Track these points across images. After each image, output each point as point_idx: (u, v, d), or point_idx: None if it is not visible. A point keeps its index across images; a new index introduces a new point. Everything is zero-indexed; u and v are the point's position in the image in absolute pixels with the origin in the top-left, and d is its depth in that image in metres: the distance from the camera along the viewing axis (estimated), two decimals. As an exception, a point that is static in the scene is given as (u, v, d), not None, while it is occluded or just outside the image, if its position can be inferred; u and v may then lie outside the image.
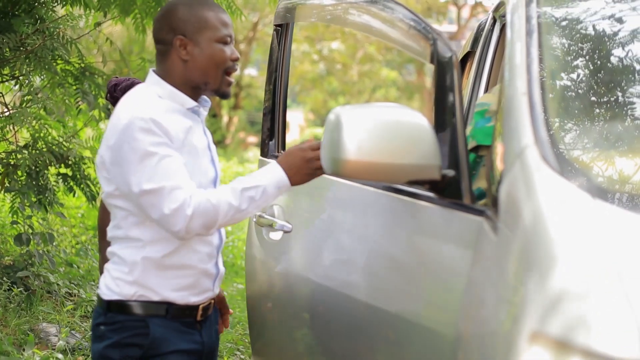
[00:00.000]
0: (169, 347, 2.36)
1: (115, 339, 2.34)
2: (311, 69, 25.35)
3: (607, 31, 2.45)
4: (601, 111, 2.24)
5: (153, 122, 2.22)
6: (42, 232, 5.19)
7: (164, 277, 2.34)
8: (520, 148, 1.84)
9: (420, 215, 2.20)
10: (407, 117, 2.00)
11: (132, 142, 2.21)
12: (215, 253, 2.43)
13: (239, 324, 5.43)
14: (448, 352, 1.94)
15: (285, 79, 3.03)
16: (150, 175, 2.20)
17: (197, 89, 2.37)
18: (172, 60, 2.35)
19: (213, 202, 2.21)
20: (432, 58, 2.12)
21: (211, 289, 2.44)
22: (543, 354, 1.38)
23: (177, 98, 2.34)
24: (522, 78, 2.04)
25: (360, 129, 1.96)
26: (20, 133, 5.42)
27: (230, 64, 2.36)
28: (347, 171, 1.99)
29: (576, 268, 1.46)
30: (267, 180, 2.28)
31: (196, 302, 2.41)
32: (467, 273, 1.92)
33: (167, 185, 2.19)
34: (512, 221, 1.74)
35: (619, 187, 1.94)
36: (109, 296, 2.35)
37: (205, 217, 2.21)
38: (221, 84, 2.37)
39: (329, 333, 2.54)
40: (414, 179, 2.01)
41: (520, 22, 2.27)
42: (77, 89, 5.05)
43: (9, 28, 4.61)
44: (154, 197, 2.21)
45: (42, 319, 4.65)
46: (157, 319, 2.34)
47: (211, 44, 2.33)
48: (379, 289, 2.29)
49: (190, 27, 2.32)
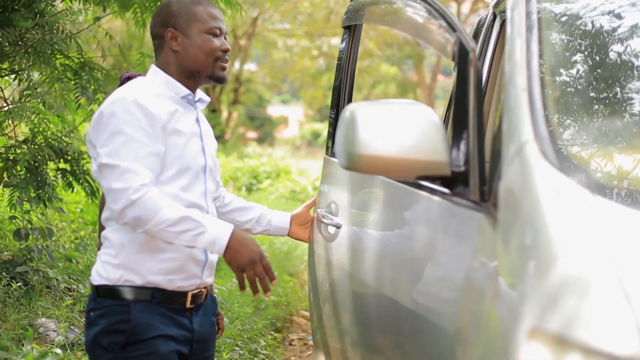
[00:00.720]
0: (153, 332, 2.40)
1: (103, 324, 2.40)
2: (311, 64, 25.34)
3: (606, 27, 2.45)
4: (601, 107, 2.24)
5: (135, 103, 2.34)
6: (41, 227, 5.19)
7: (149, 260, 2.41)
8: (520, 144, 1.84)
9: (433, 211, 2.25)
10: (419, 114, 2.03)
11: (109, 117, 2.34)
12: None
13: (238, 320, 5.43)
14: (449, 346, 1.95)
15: (351, 79, 3.18)
16: (113, 151, 2.31)
17: (192, 77, 2.52)
18: (166, 52, 2.52)
19: (157, 205, 2.27)
20: (454, 54, 2.15)
21: (199, 276, 2.49)
22: (541, 349, 1.38)
23: (171, 86, 2.49)
24: (522, 74, 2.05)
25: (374, 125, 2.01)
26: (20, 128, 5.41)
27: (220, 54, 2.51)
28: (361, 166, 2.04)
29: (575, 264, 1.46)
30: (212, 231, 2.32)
31: (184, 288, 2.46)
32: (467, 268, 1.93)
33: (123, 165, 2.29)
34: (511, 217, 1.74)
35: (618, 183, 1.94)
36: (98, 281, 2.43)
37: (143, 212, 2.27)
38: (214, 69, 2.51)
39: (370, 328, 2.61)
40: (424, 174, 2.03)
41: (520, 18, 2.27)
42: (76, 84, 5.04)
43: (9, 22, 4.61)
44: (108, 171, 2.31)
45: (41, 314, 4.65)
46: (141, 304, 2.39)
47: (200, 35, 2.49)
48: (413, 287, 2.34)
49: (180, 20, 2.49)
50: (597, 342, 1.32)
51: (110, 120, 2.33)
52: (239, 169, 16.44)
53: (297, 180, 15.52)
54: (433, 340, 2.09)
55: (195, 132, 2.50)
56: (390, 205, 2.59)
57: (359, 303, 2.69)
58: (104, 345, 2.39)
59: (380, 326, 2.52)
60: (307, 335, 5.97)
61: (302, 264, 8.25)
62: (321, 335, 3.16)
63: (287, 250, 8.36)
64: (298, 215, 2.96)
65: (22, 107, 4.65)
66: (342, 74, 3.21)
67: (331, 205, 2.99)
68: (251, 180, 16.22)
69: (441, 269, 2.13)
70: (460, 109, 2.08)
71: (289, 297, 6.61)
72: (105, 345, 2.39)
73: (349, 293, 2.79)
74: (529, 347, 1.41)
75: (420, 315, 2.18)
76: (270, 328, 5.84)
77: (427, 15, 2.43)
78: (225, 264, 7.67)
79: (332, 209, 2.98)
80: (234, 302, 5.86)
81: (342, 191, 2.97)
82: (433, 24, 2.36)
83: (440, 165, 2.01)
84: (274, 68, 26.07)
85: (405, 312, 2.28)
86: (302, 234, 2.98)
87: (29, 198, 4.98)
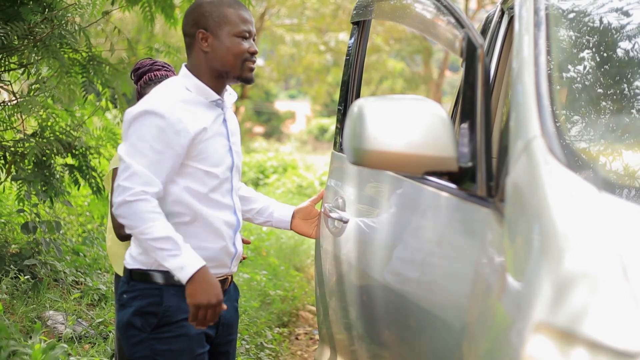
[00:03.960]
0: (183, 315, 2.50)
1: (136, 306, 2.52)
2: (318, 59, 25.31)
3: (614, 24, 2.45)
4: (608, 104, 2.24)
5: (165, 117, 2.43)
6: (49, 221, 5.20)
7: None
8: (528, 140, 1.85)
9: (440, 206, 2.26)
10: (427, 110, 2.04)
11: (140, 127, 2.44)
12: (233, 234, 2.62)
13: (245, 313, 5.45)
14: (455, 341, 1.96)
15: (359, 75, 3.18)
16: (133, 152, 2.43)
17: (220, 77, 2.57)
18: (196, 51, 2.57)
19: (148, 217, 2.39)
20: (461, 50, 2.15)
21: (228, 266, 2.63)
22: (548, 344, 1.39)
23: (201, 91, 2.55)
24: (529, 70, 2.05)
25: (382, 121, 2.02)
26: (28, 122, 5.42)
27: (247, 55, 2.56)
28: (368, 161, 2.05)
29: (582, 260, 1.46)
30: (185, 258, 2.40)
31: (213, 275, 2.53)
32: (475, 263, 1.94)
33: (135, 167, 2.41)
34: (518, 212, 1.75)
35: (625, 180, 1.95)
36: (132, 265, 2.55)
37: (133, 216, 2.40)
38: (242, 71, 2.57)
39: (376, 323, 2.62)
40: (432, 169, 2.04)
41: (528, 14, 2.27)
42: (84, 78, 5.05)
43: (17, 16, 4.61)
44: (123, 166, 2.43)
45: (49, 307, 4.67)
46: (172, 288, 2.50)
47: (230, 37, 2.54)
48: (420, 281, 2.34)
49: (211, 22, 2.55)
50: (603, 337, 1.33)
51: (138, 127, 2.43)
52: (246, 164, 16.43)
53: (304, 175, 15.50)
54: (440, 334, 2.10)
55: (224, 135, 2.59)
56: (398, 200, 2.60)
57: (366, 298, 2.70)
58: (137, 326, 2.51)
59: (387, 321, 2.53)
60: (313, 330, 5.98)
61: (308, 259, 8.25)
62: (327, 330, 3.17)
63: (294, 245, 8.37)
64: (302, 210, 2.98)
65: (30, 101, 4.66)
66: (350, 69, 3.21)
67: (338, 200, 2.99)
68: (258, 175, 16.22)
69: (448, 264, 2.14)
70: (468, 105, 2.08)
71: (295, 292, 6.62)
72: (138, 326, 2.51)
73: (355, 287, 2.80)
74: (535, 342, 1.41)
75: (427, 309, 2.18)
76: (276, 322, 5.85)
77: (435, 11, 2.43)
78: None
79: (339, 203, 2.98)
80: (240, 296, 5.87)
81: (349, 186, 2.98)
82: (441, 20, 2.37)
83: (447, 160, 2.02)
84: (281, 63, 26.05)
85: (412, 306, 2.29)
86: (305, 228, 2.99)
87: (37, 192, 4.99)
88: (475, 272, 1.91)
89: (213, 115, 2.56)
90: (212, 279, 2.41)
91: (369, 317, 2.68)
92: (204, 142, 2.50)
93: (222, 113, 2.60)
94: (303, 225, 2.99)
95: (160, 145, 2.42)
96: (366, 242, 2.74)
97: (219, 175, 2.54)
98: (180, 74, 2.60)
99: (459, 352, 1.92)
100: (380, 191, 2.79)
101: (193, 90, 2.55)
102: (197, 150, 2.49)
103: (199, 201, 2.52)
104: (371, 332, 2.67)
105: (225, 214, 2.58)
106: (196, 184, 2.51)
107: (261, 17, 22.47)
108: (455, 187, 2.12)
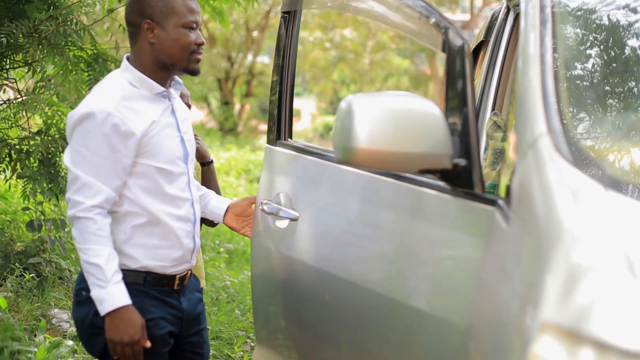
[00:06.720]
0: (145, 315, 2.46)
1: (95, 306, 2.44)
2: (323, 56, 25.29)
3: (621, 21, 2.44)
4: (614, 101, 2.23)
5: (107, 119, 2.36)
6: (54, 219, 5.21)
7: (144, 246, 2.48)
8: (533, 138, 1.84)
9: (431, 204, 2.19)
10: (419, 106, 1.99)
11: (83, 132, 2.38)
12: (192, 228, 2.58)
13: (250, 312, 5.44)
14: (459, 341, 1.94)
15: (293, 67, 3.02)
16: (79, 160, 2.39)
17: (165, 69, 2.51)
18: (141, 42, 2.50)
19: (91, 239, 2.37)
20: (444, 47, 2.11)
21: (188, 261, 2.60)
22: (554, 344, 1.38)
23: (145, 85, 2.49)
24: (535, 68, 2.04)
25: (371, 117, 1.95)
26: (33, 119, 5.43)
27: (194, 47, 2.50)
28: (358, 160, 1.98)
29: (588, 259, 1.46)
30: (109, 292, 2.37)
31: (175, 272, 2.56)
32: (478, 262, 1.92)
33: (83, 178, 2.37)
34: (524, 211, 1.74)
35: (631, 178, 1.94)
36: None
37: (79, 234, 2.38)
38: (189, 62, 2.51)
39: (335, 321, 2.55)
40: (425, 168, 2.00)
41: (534, 11, 2.26)
42: (90, 76, 5.05)
43: (23, 14, 4.61)
44: (70, 176, 2.41)
45: (54, 305, 4.68)
46: (134, 287, 2.46)
47: (176, 28, 2.47)
48: (389, 278, 2.29)
49: (157, 12, 2.47)
50: (611, 336, 1.32)
51: (83, 133, 2.38)
52: (252, 162, 16.42)
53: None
54: (440, 335, 2.07)
55: (173, 126, 2.53)
56: (374, 198, 2.45)
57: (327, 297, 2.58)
58: (99, 325, 2.44)
59: (358, 321, 2.43)
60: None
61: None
62: (269, 332, 3.02)
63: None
64: (235, 205, 2.89)
65: (35, 99, 4.66)
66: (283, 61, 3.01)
67: (280, 196, 2.83)
68: (263, 173, 16.20)
69: (448, 263, 2.10)
70: (457, 101, 2.04)
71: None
72: (101, 325, 2.43)
73: (315, 288, 2.65)
74: (541, 342, 1.40)
75: (420, 309, 2.14)
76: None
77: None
78: (238, 256, 7.68)
79: (282, 200, 2.81)
80: (246, 294, 5.87)
81: (297, 181, 2.81)
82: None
83: (442, 158, 1.98)
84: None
85: (399, 307, 2.21)
86: (235, 224, 2.89)
87: (42, 189, 4.99)
88: (480, 272, 1.90)
89: (160, 108, 2.50)
90: (131, 320, 2.38)
91: (333, 317, 2.57)
92: (154, 137, 2.44)
93: (170, 104, 2.54)
94: (235, 221, 2.89)
95: (105, 151, 2.37)
96: (331, 240, 2.59)
97: (173, 172, 2.49)
98: (122, 67, 2.53)
99: (464, 352, 1.91)
100: (343, 188, 2.60)
101: (137, 84, 2.48)
102: (148, 147, 2.43)
103: (155, 200, 2.47)
104: (335, 332, 2.57)
105: (183, 210, 2.54)
106: (150, 182, 2.46)
107: (266, 15, 22.45)
108: (450, 186, 2.06)
